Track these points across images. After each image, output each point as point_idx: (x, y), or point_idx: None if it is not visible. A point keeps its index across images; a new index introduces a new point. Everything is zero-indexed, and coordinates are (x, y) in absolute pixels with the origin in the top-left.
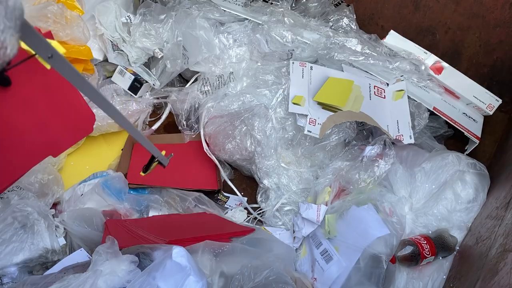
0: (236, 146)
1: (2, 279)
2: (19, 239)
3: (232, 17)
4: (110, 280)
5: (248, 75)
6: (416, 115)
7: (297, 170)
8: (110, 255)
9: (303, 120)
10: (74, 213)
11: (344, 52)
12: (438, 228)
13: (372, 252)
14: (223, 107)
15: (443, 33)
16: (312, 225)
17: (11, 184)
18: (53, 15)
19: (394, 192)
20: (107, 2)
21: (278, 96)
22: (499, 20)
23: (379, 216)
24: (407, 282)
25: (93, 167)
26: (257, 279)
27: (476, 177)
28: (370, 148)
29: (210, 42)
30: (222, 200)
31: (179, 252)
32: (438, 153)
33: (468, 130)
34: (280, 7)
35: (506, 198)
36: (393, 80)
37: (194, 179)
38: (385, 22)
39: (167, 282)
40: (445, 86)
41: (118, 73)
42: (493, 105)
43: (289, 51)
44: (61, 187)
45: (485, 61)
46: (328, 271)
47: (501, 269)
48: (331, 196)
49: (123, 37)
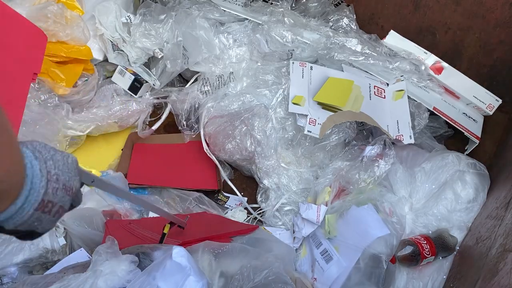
0: (236, 146)
1: (2, 279)
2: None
3: (232, 17)
4: (110, 280)
5: (248, 75)
6: (416, 115)
7: (297, 170)
8: (110, 255)
9: (303, 120)
10: (74, 213)
11: (344, 52)
12: (438, 228)
13: (372, 252)
14: (223, 107)
15: (443, 33)
16: (312, 226)
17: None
18: (53, 15)
19: (394, 192)
20: (107, 2)
21: (278, 96)
22: (499, 20)
23: (379, 216)
24: (407, 282)
25: (93, 167)
26: (256, 279)
27: (476, 177)
28: (370, 148)
29: (210, 42)
30: (222, 200)
31: (179, 252)
32: (438, 153)
33: (468, 130)
34: (280, 7)
35: (506, 198)
36: (393, 80)
37: (194, 179)
38: (385, 22)
39: (167, 282)
40: (445, 86)
41: (118, 73)
42: (493, 105)
43: (289, 51)
44: None
45: (485, 61)
46: (328, 271)
47: (501, 269)
48: (331, 196)
49: (123, 37)
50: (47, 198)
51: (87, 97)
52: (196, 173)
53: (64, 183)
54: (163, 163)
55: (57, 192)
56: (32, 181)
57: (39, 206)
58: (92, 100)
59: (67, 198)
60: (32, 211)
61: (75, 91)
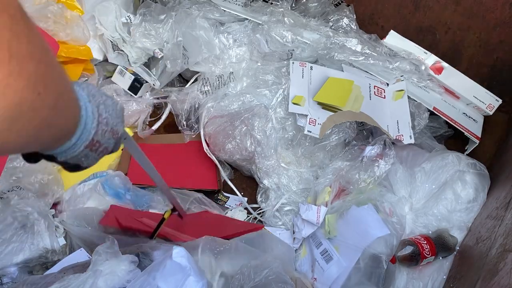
0: (236, 146)
1: (2, 279)
2: (19, 239)
3: (232, 17)
4: (110, 280)
5: (248, 75)
6: (416, 115)
7: (297, 170)
8: (110, 255)
9: (303, 120)
10: (74, 213)
11: (344, 52)
12: (438, 228)
13: (372, 252)
14: (223, 107)
15: (443, 33)
16: (312, 226)
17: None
18: (53, 15)
19: (394, 192)
20: (107, 2)
21: (278, 96)
22: (499, 20)
23: (379, 216)
24: (407, 282)
25: (93, 167)
26: (257, 279)
27: (476, 177)
28: (370, 148)
29: (210, 42)
30: (222, 200)
31: (179, 252)
32: (438, 153)
33: (468, 130)
34: (280, 7)
35: (506, 198)
36: (393, 80)
37: (194, 179)
38: (385, 22)
39: (167, 282)
40: (445, 86)
41: (118, 73)
42: (493, 105)
43: (289, 51)
44: (61, 187)
45: (485, 61)
46: (328, 271)
47: (501, 269)
48: (331, 196)
49: (123, 37)
50: (96, 138)
51: None
52: (196, 173)
53: (112, 126)
54: (163, 163)
55: (105, 134)
56: (85, 122)
57: (88, 144)
58: None
59: (112, 141)
60: (83, 148)
61: None
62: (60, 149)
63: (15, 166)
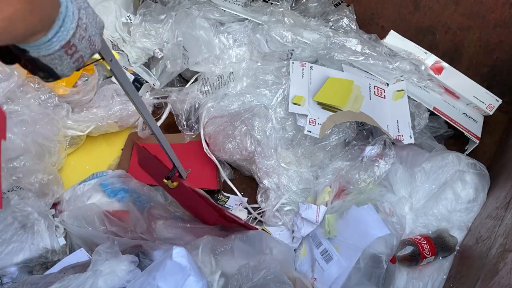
0: (236, 146)
1: (2, 279)
2: (19, 239)
3: (232, 17)
4: (110, 280)
5: (248, 75)
6: (416, 115)
7: (297, 170)
8: (110, 255)
9: (303, 120)
10: (74, 213)
11: (344, 52)
12: (438, 228)
13: (372, 252)
14: (223, 107)
15: (443, 33)
16: (311, 226)
17: None
18: None
19: (394, 192)
20: (107, 2)
21: (278, 96)
22: (499, 20)
23: (379, 216)
24: (407, 282)
25: (93, 167)
26: (255, 279)
27: (476, 177)
28: (370, 148)
29: (210, 42)
30: (222, 200)
31: (179, 252)
32: (438, 153)
33: (468, 130)
34: (280, 7)
35: (506, 198)
36: (393, 80)
37: (194, 179)
38: (385, 22)
39: (167, 282)
40: (445, 86)
41: None
42: (493, 105)
43: (289, 51)
44: (61, 187)
45: (485, 61)
46: (328, 271)
47: (501, 269)
48: (331, 196)
49: (123, 37)
50: (73, 41)
51: (87, 97)
52: (196, 173)
53: (90, 35)
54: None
55: (82, 41)
56: (64, 20)
57: (65, 44)
58: (92, 100)
59: (88, 51)
60: (59, 47)
61: (75, 91)
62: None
63: (15, 166)
